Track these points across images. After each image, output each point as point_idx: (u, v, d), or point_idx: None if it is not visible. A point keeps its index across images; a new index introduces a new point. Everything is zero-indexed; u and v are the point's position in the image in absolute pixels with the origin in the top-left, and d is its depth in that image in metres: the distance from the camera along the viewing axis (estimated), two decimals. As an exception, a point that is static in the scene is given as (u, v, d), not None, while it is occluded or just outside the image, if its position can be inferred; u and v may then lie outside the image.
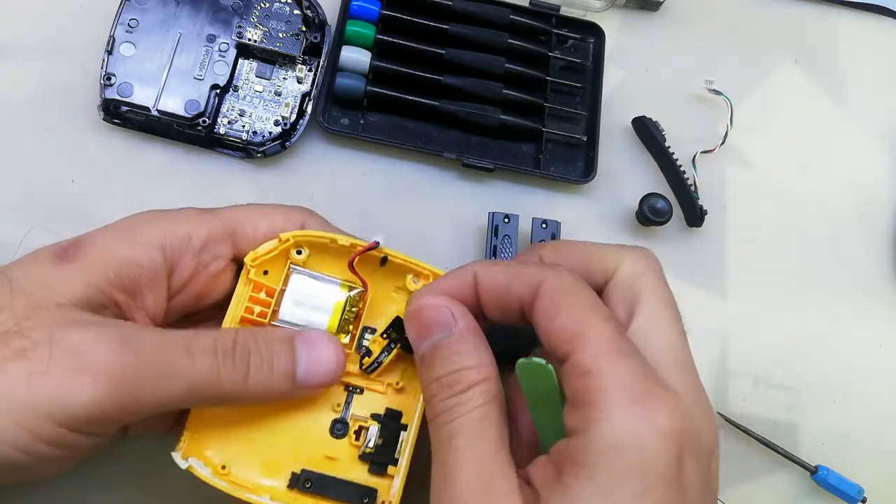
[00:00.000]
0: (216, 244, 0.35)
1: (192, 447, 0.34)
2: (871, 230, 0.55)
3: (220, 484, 0.33)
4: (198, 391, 0.31)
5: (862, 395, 0.50)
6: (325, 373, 0.34)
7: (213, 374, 0.31)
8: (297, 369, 0.34)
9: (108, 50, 0.45)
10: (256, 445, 0.35)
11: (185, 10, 0.47)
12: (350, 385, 0.37)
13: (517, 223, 0.47)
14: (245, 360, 0.32)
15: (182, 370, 0.31)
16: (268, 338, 0.34)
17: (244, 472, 0.34)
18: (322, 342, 0.35)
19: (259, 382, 0.32)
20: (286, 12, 0.48)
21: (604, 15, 0.54)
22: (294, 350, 0.34)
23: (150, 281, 0.33)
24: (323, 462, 0.35)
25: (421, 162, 0.50)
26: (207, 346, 0.32)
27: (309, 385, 0.34)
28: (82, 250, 0.32)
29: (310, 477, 0.34)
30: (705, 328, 0.50)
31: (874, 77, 0.59)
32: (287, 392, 0.34)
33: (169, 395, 0.30)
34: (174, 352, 0.31)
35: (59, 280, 0.31)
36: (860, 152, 0.57)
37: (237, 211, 0.36)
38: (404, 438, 0.36)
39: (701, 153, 0.52)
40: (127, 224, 0.34)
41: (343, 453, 0.36)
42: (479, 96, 0.50)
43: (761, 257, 0.52)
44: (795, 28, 0.59)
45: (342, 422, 0.36)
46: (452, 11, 0.51)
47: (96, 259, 0.32)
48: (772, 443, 0.47)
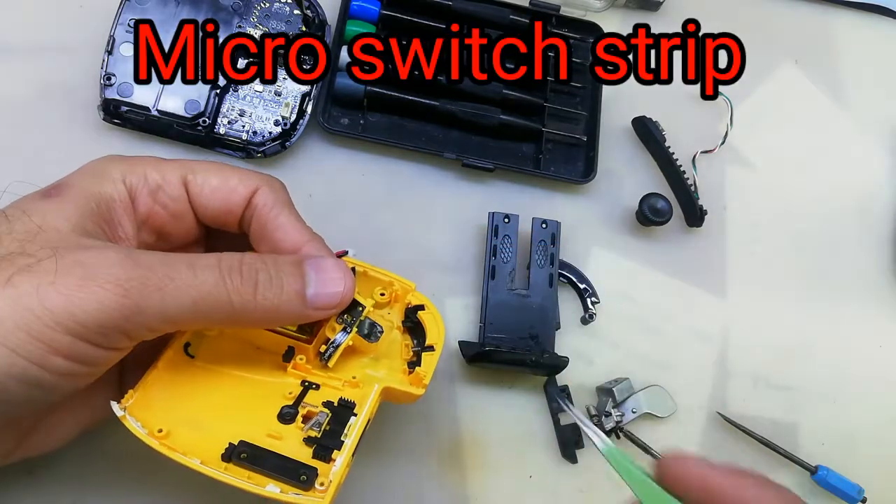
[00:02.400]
0: (171, 186, 0.36)
1: (136, 406, 0.34)
2: (871, 230, 0.55)
3: (152, 442, 0.32)
4: (205, 305, 0.31)
5: (862, 395, 0.50)
6: (335, 294, 0.35)
7: (218, 287, 0.32)
8: (307, 290, 0.34)
9: (108, 50, 0.45)
10: (201, 420, 0.34)
11: (184, 10, 0.47)
12: (306, 381, 0.37)
13: (517, 223, 0.47)
14: (252, 277, 0.33)
15: (186, 283, 0.31)
16: (276, 259, 0.34)
17: (181, 437, 0.33)
18: (331, 266, 0.35)
19: (268, 298, 0.33)
20: (286, 12, 0.48)
21: (604, 15, 0.54)
22: (303, 271, 0.34)
23: (122, 212, 0.35)
24: (264, 439, 0.34)
25: (421, 162, 0.50)
26: (210, 262, 0.32)
27: (319, 306, 0.34)
28: (63, 189, 0.33)
29: (246, 449, 0.33)
30: (705, 328, 0.50)
31: (874, 77, 0.59)
32: (298, 312, 0.34)
33: (176, 307, 0.31)
34: (176, 266, 0.31)
35: (53, 210, 0.32)
36: (860, 152, 0.57)
37: (193, 162, 0.37)
38: (353, 422, 0.35)
39: (701, 153, 0.52)
40: (93, 166, 0.35)
41: (288, 434, 0.35)
42: (479, 96, 0.50)
43: (761, 257, 0.52)
44: (795, 28, 0.59)
45: (291, 408, 0.36)
46: (452, 11, 0.51)
47: (77, 195, 0.33)
48: (772, 443, 0.47)
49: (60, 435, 0.35)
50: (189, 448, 0.33)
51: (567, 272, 0.48)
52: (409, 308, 0.40)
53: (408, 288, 0.40)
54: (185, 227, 0.37)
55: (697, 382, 0.49)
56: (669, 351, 0.49)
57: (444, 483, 0.44)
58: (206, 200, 0.36)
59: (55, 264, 0.29)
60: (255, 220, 0.37)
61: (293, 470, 0.32)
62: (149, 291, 0.30)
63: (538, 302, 0.46)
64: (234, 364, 0.37)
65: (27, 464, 0.39)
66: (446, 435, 0.44)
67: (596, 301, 0.48)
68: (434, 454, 0.44)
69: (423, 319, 0.39)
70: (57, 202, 0.32)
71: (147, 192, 0.36)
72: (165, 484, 0.40)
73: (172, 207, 0.36)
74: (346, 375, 0.37)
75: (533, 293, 0.46)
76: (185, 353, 0.37)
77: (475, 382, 0.46)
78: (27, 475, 0.39)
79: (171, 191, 0.36)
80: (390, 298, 0.40)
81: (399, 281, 0.40)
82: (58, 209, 0.32)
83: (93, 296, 0.29)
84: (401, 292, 0.40)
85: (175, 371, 0.36)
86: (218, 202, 0.37)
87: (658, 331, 0.49)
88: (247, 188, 0.37)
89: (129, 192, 0.35)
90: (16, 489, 0.39)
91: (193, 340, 0.37)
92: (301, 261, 0.35)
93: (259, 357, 0.38)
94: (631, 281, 0.50)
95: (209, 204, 0.37)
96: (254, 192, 0.37)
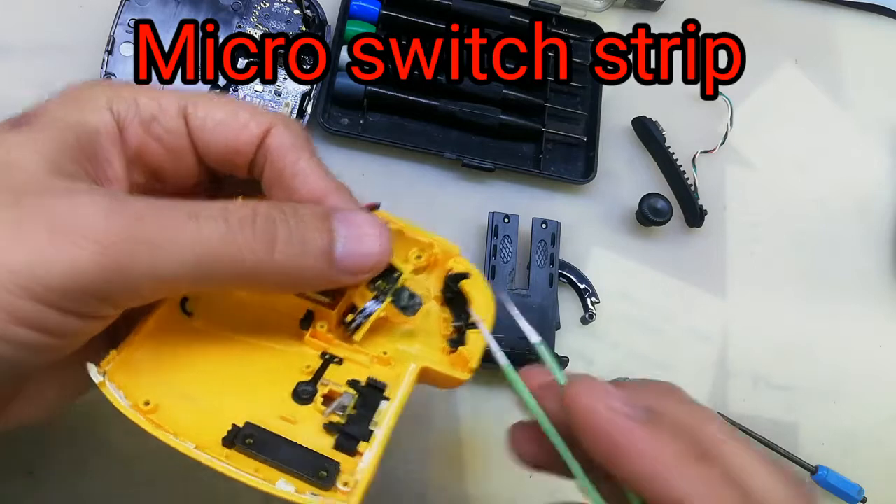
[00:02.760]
0: (167, 116, 0.30)
1: (120, 370, 0.28)
2: (871, 230, 0.55)
3: (136, 416, 0.27)
4: (210, 262, 0.26)
5: (862, 395, 0.50)
6: (368, 255, 0.29)
7: (227, 242, 0.26)
8: (335, 248, 0.28)
9: (108, 50, 0.45)
10: (198, 393, 0.29)
11: (184, 10, 0.47)
12: (327, 353, 0.31)
13: (517, 223, 0.47)
14: (269, 230, 0.27)
15: (186, 237, 0.25)
16: (297, 210, 0.28)
17: (172, 414, 0.27)
18: (364, 221, 0.29)
19: (289, 257, 0.27)
20: (286, 12, 0.48)
21: (604, 15, 0.54)
22: (331, 227, 0.28)
23: (109, 145, 0.29)
24: (276, 423, 0.28)
25: (421, 162, 0.50)
26: (217, 211, 0.26)
27: (349, 268, 0.28)
28: (35, 118, 0.27)
29: (253, 433, 0.27)
30: (705, 328, 0.50)
31: (874, 77, 0.59)
32: (323, 274, 0.28)
33: (173, 266, 0.25)
34: (174, 215, 0.26)
35: (21, 144, 0.26)
36: (860, 152, 0.57)
37: (195, 94, 0.31)
38: (385, 408, 0.29)
39: (701, 153, 0.52)
40: (72, 92, 0.30)
41: (304, 418, 0.29)
42: (479, 96, 0.50)
43: (761, 257, 0.52)
44: (795, 28, 0.59)
45: (309, 385, 0.29)
46: (452, 11, 0.51)
47: (52, 124, 0.27)
48: (772, 443, 0.47)
49: (43, 405, 0.30)
50: (182, 427, 0.27)
51: (567, 272, 0.48)
52: (450, 276, 0.33)
53: (450, 252, 0.34)
54: (185, 168, 0.31)
55: (697, 382, 0.49)
56: (669, 351, 0.49)
57: (444, 483, 0.44)
58: (210, 136, 0.31)
59: (17, 212, 0.24)
60: (269, 164, 0.31)
61: (311, 463, 0.27)
62: (136, 248, 0.24)
63: (538, 302, 0.46)
64: (239, 326, 0.31)
65: (27, 464, 0.39)
66: (446, 435, 0.44)
67: (596, 301, 0.48)
68: (434, 454, 0.44)
69: (468, 290, 0.33)
70: (26, 133, 0.27)
71: (139, 121, 0.30)
72: (166, 484, 0.40)
73: (168, 141, 0.30)
74: (374, 350, 0.31)
75: (533, 293, 0.46)
76: (182, 311, 0.31)
77: (475, 382, 0.45)
78: (27, 475, 0.39)
79: (168, 122, 0.30)
80: (428, 263, 0.34)
81: (440, 242, 0.33)
82: (27, 142, 0.26)
83: (63, 254, 0.24)
84: (441, 256, 0.34)
85: (169, 331, 0.30)
86: (224, 139, 0.31)
87: (658, 331, 0.49)
88: (259, 126, 0.31)
89: (116, 121, 0.29)
90: (16, 489, 0.39)
91: (192, 295, 0.31)
92: (328, 213, 0.29)
93: (270, 319, 0.32)
94: (631, 281, 0.50)
95: (213, 140, 0.31)
96: (267, 131, 0.31)
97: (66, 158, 0.27)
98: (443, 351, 0.32)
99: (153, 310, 0.30)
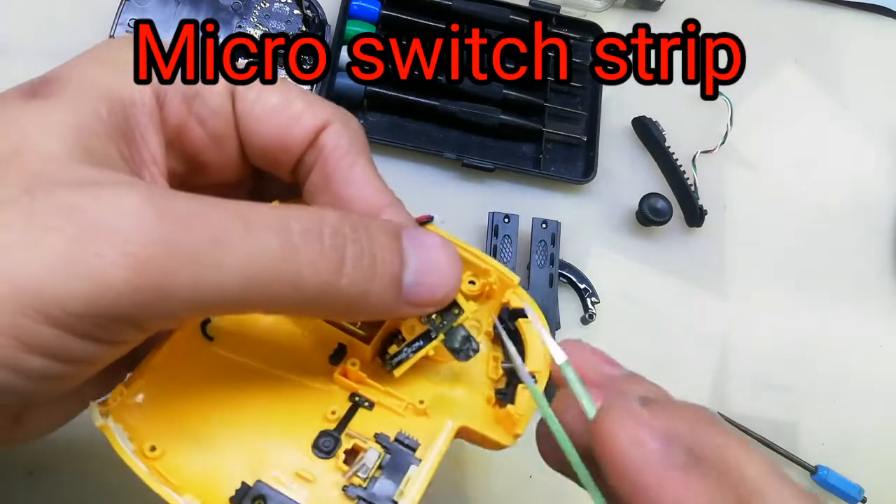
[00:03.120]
0: (213, 94, 0.26)
1: (123, 409, 0.25)
2: (871, 230, 0.55)
3: (137, 465, 0.24)
4: (261, 285, 0.21)
5: (862, 395, 0.50)
6: (439, 286, 0.25)
7: (287, 259, 0.21)
8: (404, 276, 0.24)
9: (108, 50, 0.45)
10: (210, 434, 0.26)
11: (184, 10, 0.47)
12: (358, 395, 0.27)
13: (517, 223, 0.47)
14: (339, 248, 0.22)
15: (238, 249, 0.20)
16: (367, 224, 0.24)
17: (179, 462, 0.25)
18: (436, 244, 0.25)
19: (356, 283, 0.22)
20: (286, 12, 0.48)
21: (604, 15, 0.54)
22: (402, 247, 0.24)
23: (147, 121, 0.24)
24: (291, 480, 0.25)
25: (421, 162, 0.50)
26: (274, 218, 0.22)
27: (415, 300, 0.24)
28: (58, 84, 0.23)
29: (264, 494, 0.24)
30: (705, 328, 0.50)
31: (874, 77, 0.59)
32: (386, 304, 0.24)
33: (216, 288, 0.20)
34: (227, 221, 0.21)
35: (36, 123, 0.21)
36: (860, 152, 0.57)
37: None
38: (414, 475, 0.25)
39: (701, 153, 0.52)
40: (102, 52, 0.25)
41: (323, 476, 0.26)
42: (479, 96, 0.50)
43: (761, 257, 0.52)
44: (795, 28, 0.59)
45: (332, 436, 0.26)
46: (452, 11, 0.51)
47: (79, 93, 0.23)
48: (772, 443, 0.47)
49: (47, 424, 0.27)
50: (187, 479, 0.24)
51: (567, 272, 0.48)
52: (506, 310, 0.29)
53: (508, 282, 0.29)
54: (227, 160, 0.27)
55: (697, 382, 0.49)
56: (669, 351, 0.49)
57: (444, 483, 0.44)
58: (259, 123, 0.26)
59: (31, 213, 0.19)
60: (319, 165, 0.27)
61: None
62: (178, 264, 0.20)
63: (538, 302, 0.46)
64: (264, 355, 0.28)
65: (27, 464, 0.39)
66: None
67: (596, 301, 0.48)
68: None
69: (525, 332, 0.28)
70: (45, 106, 0.22)
71: (181, 96, 0.25)
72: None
73: (213, 125, 0.26)
74: (410, 395, 0.28)
75: (533, 293, 0.46)
76: (203, 335, 0.28)
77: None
78: (27, 475, 0.39)
79: (213, 100, 0.26)
80: (482, 292, 0.29)
81: (498, 270, 0.29)
82: (45, 119, 0.22)
83: (90, 271, 0.19)
84: (498, 287, 0.29)
85: (186, 357, 0.27)
86: (273, 130, 0.26)
87: (658, 331, 0.49)
88: (315, 119, 0.27)
89: (155, 94, 0.25)
90: (16, 489, 0.39)
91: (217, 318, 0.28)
92: (399, 232, 0.24)
93: (298, 349, 0.29)
94: (631, 281, 0.50)
95: (261, 130, 0.26)
96: (322, 127, 0.27)
97: (94, 137, 0.22)
98: (488, 401, 0.28)
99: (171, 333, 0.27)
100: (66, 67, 0.24)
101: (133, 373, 0.26)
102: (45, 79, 0.23)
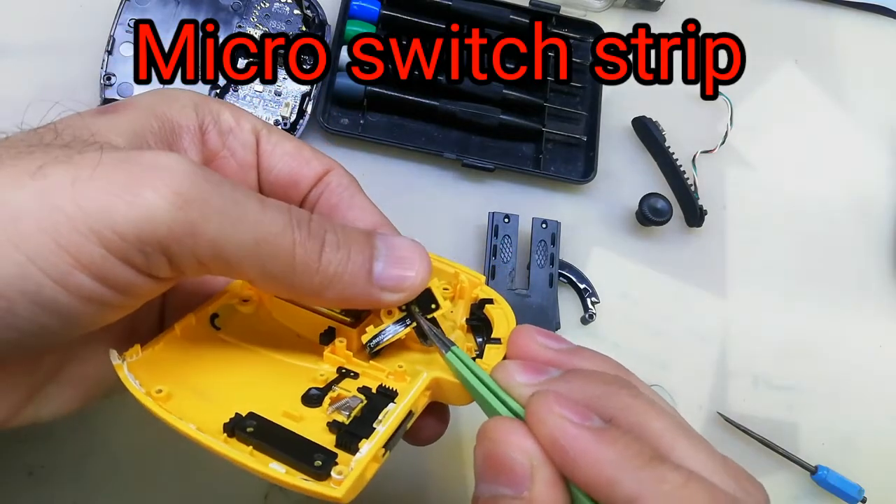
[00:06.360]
0: (243, 132, 0.33)
1: (140, 366, 0.29)
2: (871, 230, 0.55)
3: (146, 400, 0.27)
4: (266, 249, 0.26)
5: (862, 395, 0.50)
6: (405, 277, 0.30)
7: (285, 234, 0.27)
8: (375, 265, 0.29)
9: (108, 50, 0.45)
10: (210, 391, 0.29)
11: (184, 10, 0.47)
12: (344, 368, 0.31)
13: (517, 223, 0.47)
14: (320, 235, 0.28)
15: (253, 216, 0.26)
16: (344, 227, 0.30)
17: (182, 405, 0.28)
18: (405, 245, 0.30)
19: (333, 263, 0.28)
20: (286, 12, 0.48)
21: (604, 15, 0.54)
22: (373, 245, 0.30)
23: (189, 141, 0.31)
24: (279, 418, 0.28)
25: (421, 162, 0.50)
26: (281, 205, 0.28)
27: (386, 285, 0.29)
28: (123, 107, 0.30)
29: (254, 422, 0.27)
30: (705, 328, 0.50)
31: (874, 77, 0.59)
32: (362, 290, 0.29)
33: (234, 241, 0.25)
34: (247, 195, 0.26)
35: (105, 125, 0.28)
36: (860, 152, 0.57)
37: (268, 124, 0.34)
38: (391, 409, 0.28)
39: (701, 153, 0.52)
40: (161, 90, 0.33)
41: (309, 417, 0.29)
42: (479, 96, 0.50)
43: (761, 257, 0.52)
44: (795, 28, 0.59)
45: (319, 391, 0.30)
46: (452, 11, 0.51)
47: (138, 111, 0.29)
48: (772, 443, 0.47)
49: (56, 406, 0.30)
50: (188, 415, 0.27)
51: (567, 272, 0.48)
52: (476, 303, 0.34)
53: (476, 281, 0.34)
54: (248, 185, 0.33)
55: (697, 382, 0.49)
56: (669, 351, 0.49)
57: (444, 482, 0.44)
58: (276, 162, 0.33)
59: (100, 156, 0.24)
60: (325, 197, 0.34)
61: (306, 451, 0.26)
62: (210, 212, 0.25)
63: (538, 302, 0.46)
64: (263, 343, 0.32)
65: (27, 464, 0.39)
66: (446, 434, 0.44)
67: (596, 301, 0.48)
68: (434, 453, 0.44)
69: (491, 314, 0.33)
70: (113, 118, 0.28)
71: (218, 130, 0.32)
72: (166, 484, 0.40)
73: (241, 156, 0.32)
74: (391, 366, 0.31)
75: (533, 293, 0.46)
76: (211, 325, 0.32)
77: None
78: (27, 475, 0.39)
79: (244, 137, 0.32)
80: (454, 294, 0.34)
81: (466, 273, 0.34)
82: (110, 125, 0.28)
83: (143, 199, 0.23)
84: (468, 286, 0.34)
85: (194, 339, 0.31)
86: (288, 168, 0.33)
87: (658, 331, 0.49)
88: (321, 164, 0.34)
89: (199, 123, 0.31)
90: (16, 489, 0.39)
91: (223, 312, 0.33)
92: (372, 233, 0.30)
93: (294, 340, 0.33)
94: (631, 281, 0.50)
95: (277, 167, 0.33)
96: (327, 170, 0.34)
97: (147, 138, 0.29)
98: None
99: (181, 318, 0.31)
100: (132, 97, 0.31)
101: (148, 343, 0.30)
102: (114, 104, 0.30)
